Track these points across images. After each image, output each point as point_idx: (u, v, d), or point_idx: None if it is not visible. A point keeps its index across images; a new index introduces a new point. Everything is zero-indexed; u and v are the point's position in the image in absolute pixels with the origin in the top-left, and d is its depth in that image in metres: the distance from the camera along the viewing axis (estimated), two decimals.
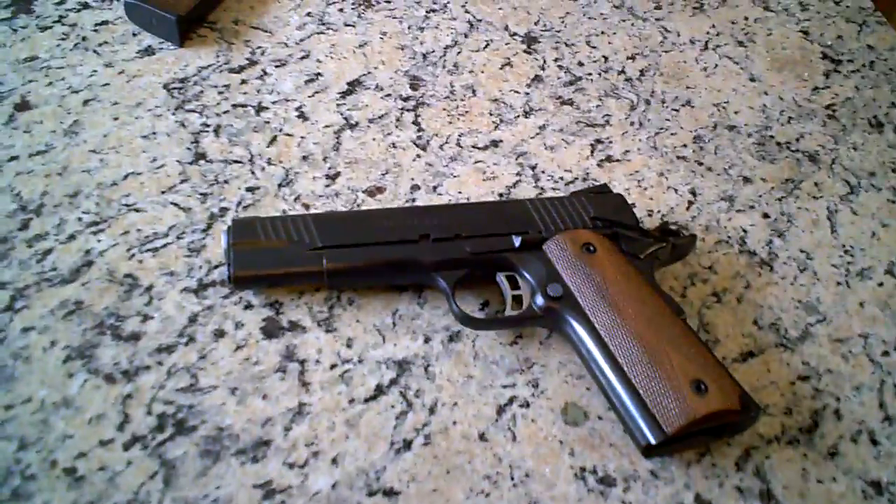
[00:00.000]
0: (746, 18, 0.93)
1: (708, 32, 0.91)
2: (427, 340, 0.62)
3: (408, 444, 0.56)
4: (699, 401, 0.54)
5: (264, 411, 0.57)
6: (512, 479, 0.55)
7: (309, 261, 0.60)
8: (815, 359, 0.65)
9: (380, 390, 0.59)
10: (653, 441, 0.53)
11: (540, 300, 0.60)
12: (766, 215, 0.74)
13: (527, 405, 0.59)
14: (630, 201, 0.73)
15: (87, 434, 0.54)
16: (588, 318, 0.58)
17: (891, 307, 0.68)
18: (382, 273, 0.62)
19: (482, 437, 0.57)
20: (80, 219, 0.65)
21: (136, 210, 0.66)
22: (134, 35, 0.80)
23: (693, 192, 0.75)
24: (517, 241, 0.62)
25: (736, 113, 0.82)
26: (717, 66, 0.87)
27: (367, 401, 0.58)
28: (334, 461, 0.55)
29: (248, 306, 0.62)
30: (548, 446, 0.57)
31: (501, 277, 0.62)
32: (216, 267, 0.63)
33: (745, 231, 0.72)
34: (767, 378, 0.63)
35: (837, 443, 0.60)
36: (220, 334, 0.60)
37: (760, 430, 0.60)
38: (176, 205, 0.67)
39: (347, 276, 0.62)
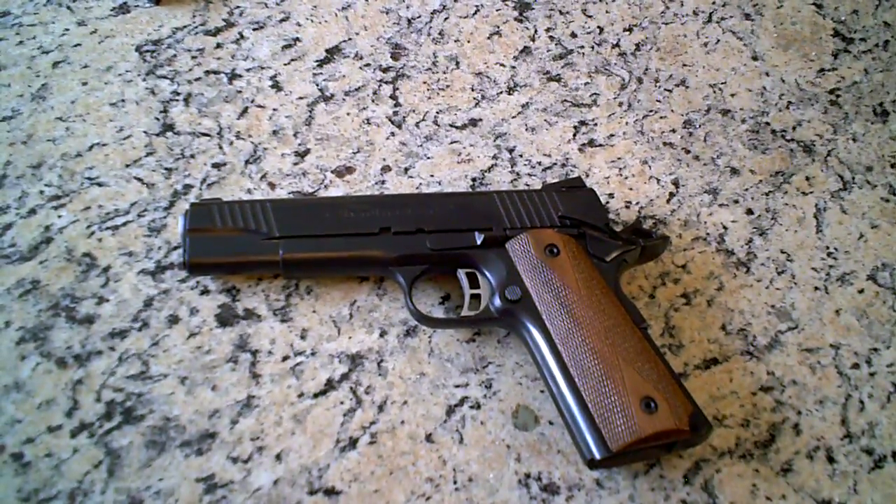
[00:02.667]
0: None
1: (714, 2, 0.86)
2: (383, 334, 0.61)
3: (353, 443, 0.56)
4: (647, 419, 0.53)
5: (212, 403, 0.57)
6: (455, 482, 0.56)
7: (265, 250, 0.59)
8: (780, 369, 0.63)
9: (330, 385, 0.59)
10: (597, 456, 0.53)
11: (497, 302, 0.59)
12: (749, 211, 0.71)
13: (478, 406, 0.59)
14: (608, 191, 0.70)
15: (35, 419, 0.55)
16: (544, 324, 0.57)
17: (868, 316, 0.66)
18: (340, 265, 0.61)
19: (429, 438, 0.57)
20: (42, 192, 0.64)
21: (99, 184, 0.65)
22: None
23: (676, 184, 0.72)
24: (479, 239, 0.61)
25: (732, 96, 0.79)
26: (718, 41, 0.83)
27: (316, 396, 0.58)
28: (278, 457, 0.55)
29: (205, 291, 0.61)
30: (494, 450, 0.57)
31: (462, 274, 0.61)
32: (175, 248, 0.63)
33: (725, 228, 0.70)
34: (728, 388, 0.62)
35: (792, 459, 0.59)
36: (174, 320, 0.60)
37: (714, 442, 0.59)
38: (140, 180, 0.66)
39: (304, 268, 0.61)
